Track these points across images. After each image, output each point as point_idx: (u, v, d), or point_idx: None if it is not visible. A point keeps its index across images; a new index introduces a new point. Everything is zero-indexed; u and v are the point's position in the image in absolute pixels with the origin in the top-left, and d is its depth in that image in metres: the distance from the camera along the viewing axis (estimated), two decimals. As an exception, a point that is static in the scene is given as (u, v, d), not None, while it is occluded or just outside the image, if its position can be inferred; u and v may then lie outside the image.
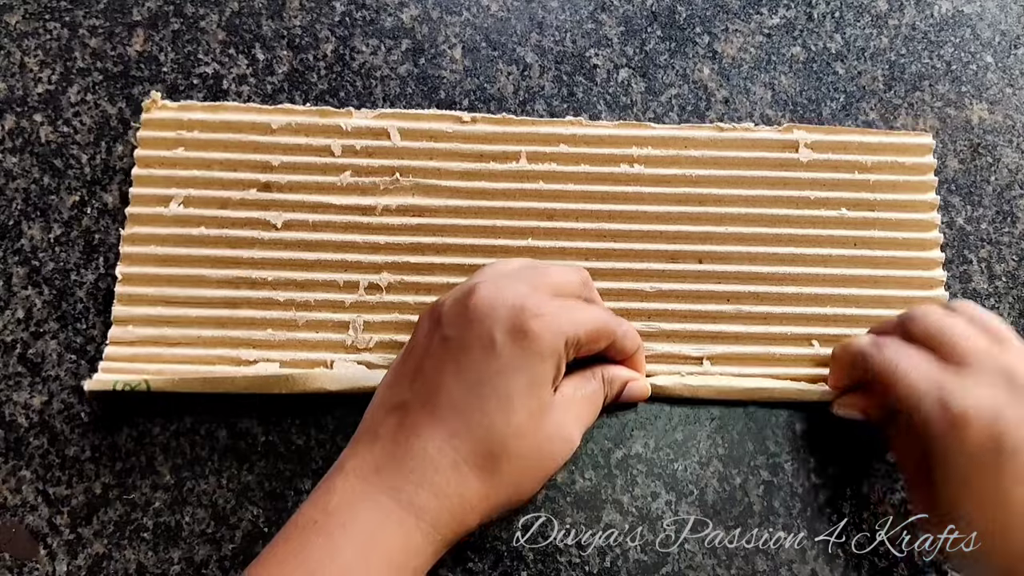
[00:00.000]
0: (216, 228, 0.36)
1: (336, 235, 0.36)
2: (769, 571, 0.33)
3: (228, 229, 0.36)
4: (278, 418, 0.34)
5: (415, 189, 0.37)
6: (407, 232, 0.36)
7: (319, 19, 0.40)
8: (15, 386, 0.34)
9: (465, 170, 0.37)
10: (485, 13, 0.41)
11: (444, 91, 0.39)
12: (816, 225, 0.37)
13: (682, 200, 0.37)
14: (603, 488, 0.34)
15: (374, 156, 0.37)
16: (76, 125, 0.38)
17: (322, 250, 0.36)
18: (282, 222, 0.36)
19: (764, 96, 0.40)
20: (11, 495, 0.33)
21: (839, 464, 0.35)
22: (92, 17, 0.39)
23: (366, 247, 0.36)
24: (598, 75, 0.40)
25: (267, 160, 0.36)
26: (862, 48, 0.41)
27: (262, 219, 0.36)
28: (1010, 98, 0.41)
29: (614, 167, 0.37)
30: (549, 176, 0.37)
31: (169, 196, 0.36)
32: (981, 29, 0.42)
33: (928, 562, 0.33)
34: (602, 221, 0.37)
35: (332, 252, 0.36)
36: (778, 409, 0.35)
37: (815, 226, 0.37)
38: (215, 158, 0.36)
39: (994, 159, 0.40)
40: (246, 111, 0.37)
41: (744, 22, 0.41)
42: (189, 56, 0.39)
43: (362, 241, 0.36)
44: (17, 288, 0.35)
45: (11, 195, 0.37)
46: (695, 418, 0.35)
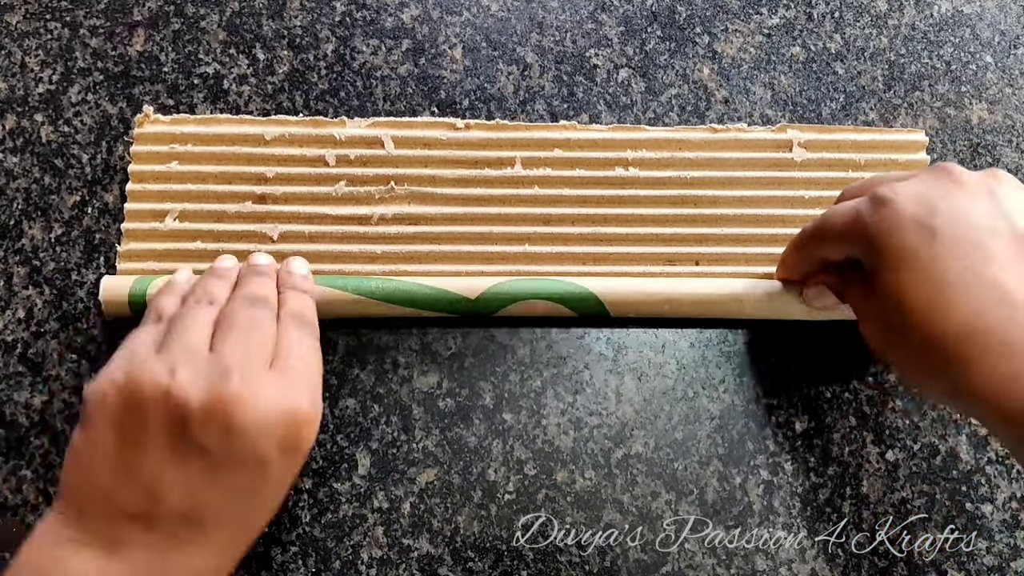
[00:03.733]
0: (213, 242, 0.36)
1: (333, 246, 0.36)
2: (769, 571, 0.33)
3: (224, 243, 0.36)
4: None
5: (410, 197, 0.37)
6: (404, 241, 0.36)
7: (319, 19, 0.40)
8: (15, 386, 0.34)
9: (460, 177, 0.37)
10: (485, 13, 0.41)
11: (444, 91, 0.39)
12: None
13: (677, 202, 0.37)
14: (603, 488, 0.34)
15: (369, 165, 0.37)
16: (77, 125, 0.38)
17: (319, 261, 0.35)
18: (278, 234, 0.36)
19: (764, 96, 0.40)
20: (11, 495, 0.33)
21: (839, 464, 0.35)
22: (93, 17, 0.39)
23: (363, 257, 0.36)
24: (598, 75, 0.40)
25: (261, 172, 0.36)
26: (862, 48, 0.41)
27: (258, 231, 0.36)
28: (1010, 98, 0.41)
29: (609, 171, 0.37)
30: (544, 181, 0.37)
31: (164, 211, 0.36)
32: (981, 29, 0.42)
33: (928, 562, 0.33)
34: (598, 225, 0.37)
35: (329, 263, 0.36)
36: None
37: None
38: (209, 171, 0.36)
39: (994, 159, 0.40)
40: (239, 123, 0.37)
41: (744, 22, 0.41)
42: (190, 56, 0.39)
43: (359, 251, 0.36)
44: (18, 288, 0.35)
45: (12, 195, 0.37)
46: (695, 418, 0.35)
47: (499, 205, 0.37)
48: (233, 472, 0.27)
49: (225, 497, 0.27)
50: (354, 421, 0.34)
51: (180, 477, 0.26)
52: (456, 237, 0.36)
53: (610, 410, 0.35)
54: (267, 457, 0.27)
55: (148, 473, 0.26)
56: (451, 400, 0.35)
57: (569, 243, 0.36)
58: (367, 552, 0.33)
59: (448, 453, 0.34)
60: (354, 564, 0.33)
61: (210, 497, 0.26)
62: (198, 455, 0.26)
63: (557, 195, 0.37)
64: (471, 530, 0.33)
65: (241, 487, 0.27)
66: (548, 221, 0.37)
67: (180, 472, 0.26)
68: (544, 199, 0.37)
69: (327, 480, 0.34)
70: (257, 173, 0.36)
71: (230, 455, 0.26)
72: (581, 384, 0.35)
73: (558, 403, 0.35)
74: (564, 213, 0.37)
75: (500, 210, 0.37)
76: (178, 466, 0.26)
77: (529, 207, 0.37)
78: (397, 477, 0.34)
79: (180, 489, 0.26)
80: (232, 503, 0.27)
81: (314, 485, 0.34)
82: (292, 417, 0.27)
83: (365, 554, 0.33)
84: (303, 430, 0.28)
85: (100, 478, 0.26)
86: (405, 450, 0.34)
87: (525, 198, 0.37)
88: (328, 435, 0.34)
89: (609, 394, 0.35)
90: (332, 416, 0.34)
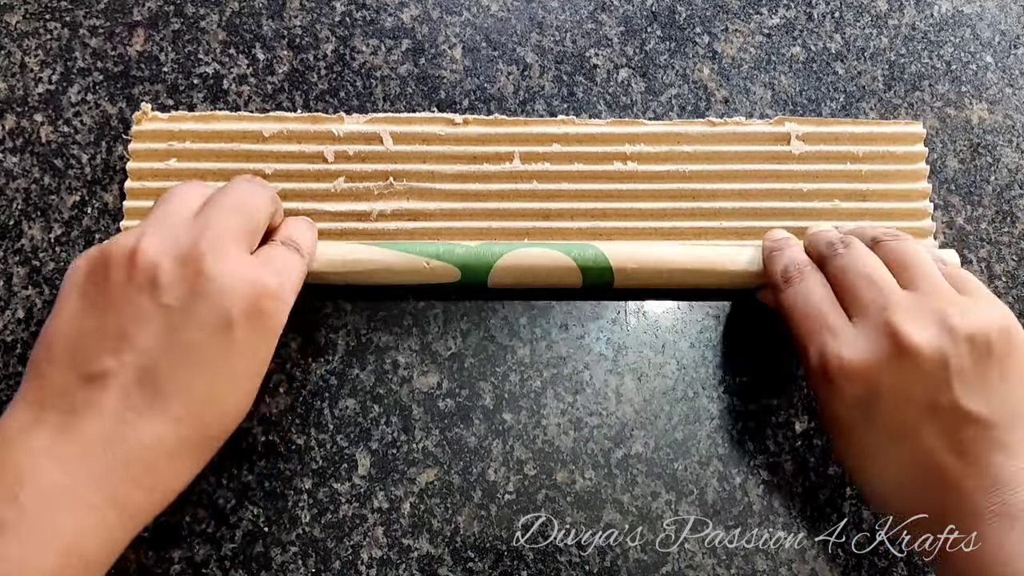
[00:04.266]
0: None
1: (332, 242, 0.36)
2: (769, 571, 0.33)
3: None
4: (278, 418, 0.34)
5: (409, 193, 0.37)
6: (403, 237, 0.36)
7: (319, 19, 0.40)
8: (15, 386, 0.34)
9: (459, 172, 0.37)
10: (485, 13, 0.41)
11: (444, 91, 0.39)
12: (810, 217, 0.37)
13: (676, 196, 0.37)
14: (603, 488, 0.34)
15: (367, 161, 0.37)
16: (76, 125, 0.38)
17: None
18: None
19: (764, 96, 0.40)
20: (11, 495, 0.33)
21: (839, 464, 0.35)
22: (92, 17, 0.39)
23: None
24: (598, 75, 0.40)
25: (260, 169, 0.36)
26: (862, 48, 0.41)
27: None
28: (1010, 98, 0.41)
29: (607, 165, 0.37)
30: (543, 176, 0.37)
31: None
32: (981, 29, 0.42)
33: (928, 562, 0.33)
34: (597, 220, 0.37)
35: None
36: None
37: (809, 218, 0.37)
38: (208, 168, 0.36)
39: (994, 159, 0.40)
40: (238, 120, 0.37)
41: (744, 22, 0.41)
42: (189, 56, 0.39)
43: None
44: (17, 288, 0.35)
45: (11, 195, 0.37)
46: (695, 418, 0.35)
47: (498, 200, 0.37)
48: (194, 331, 0.26)
49: (185, 361, 0.26)
50: (354, 421, 0.34)
51: (140, 333, 0.25)
52: (455, 232, 0.36)
53: (610, 410, 0.35)
54: (229, 318, 0.26)
55: (108, 329, 0.25)
56: (451, 400, 0.35)
57: (568, 237, 0.36)
58: (367, 552, 0.33)
59: (448, 453, 0.34)
60: (354, 564, 0.33)
61: (169, 358, 0.26)
62: (160, 313, 0.26)
63: (556, 190, 0.37)
64: (471, 530, 0.33)
65: (202, 349, 0.26)
66: (547, 216, 0.37)
67: (140, 328, 0.26)
68: (543, 194, 0.37)
69: (327, 480, 0.34)
70: (256, 170, 0.36)
71: (191, 312, 0.26)
72: (581, 384, 0.35)
73: (558, 403, 0.35)
74: (563, 208, 0.37)
75: (499, 205, 0.36)
76: (138, 322, 0.26)
77: (528, 202, 0.37)
78: (397, 477, 0.34)
79: (139, 345, 0.25)
80: (192, 370, 0.26)
81: (314, 485, 0.34)
82: (257, 286, 0.27)
83: (365, 554, 0.33)
84: (266, 300, 0.27)
85: (60, 342, 0.26)
86: (405, 450, 0.34)
87: (524, 193, 0.37)
88: (328, 435, 0.34)
89: (609, 394, 0.35)
90: (332, 416, 0.34)
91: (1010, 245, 0.38)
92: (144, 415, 0.25)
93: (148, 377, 0.25)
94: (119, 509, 0.25)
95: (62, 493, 0.24)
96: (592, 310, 0.36)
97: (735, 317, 0.37)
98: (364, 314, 0.36)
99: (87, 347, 0.26)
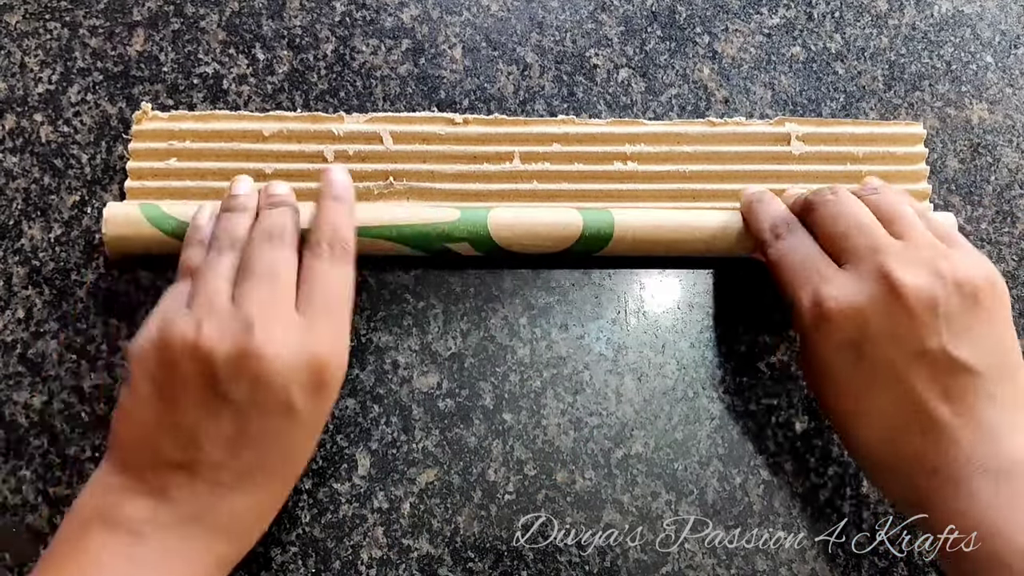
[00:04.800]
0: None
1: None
2: (769, 571, 0.33)
3: None
4: (278, 418, 0.34)
5: (409, 193, 0.37)
6: None
7: (319, 19, 0.40)
8: (15, 386, 0.34)
9: (459, 172, 0.37)
10: (485, 13, 0.41)
11: (444, 91, 0.39)
12: None
13: (676, 196, 0.37)
14: (603, 488, 0.34)
15: (367, 161, 0.37)
16: (76, 125, 0.38)
17: None
18: None
19: (764, 96, 0.40)
20: (11, 495, 0.33)
21: (839, 464, 0.35)
22: (92, 17, 0.39)
23: None
24: (598, 75, 0.40)
25: (260, 168, 0.36)
26: (862, 48, 0.41)
27: None
28: (1010, 98, 0.41)
29: (608, 165, 0.37)
30: (543, 176, 0.37)
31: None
32: (981, 29, 0.42)
33: (928, 562, 0.33)
34: None
35: None
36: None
37: None
38: (208, 168, 0.36)
39: (994, 159, 0.40)
40: (238, 119, 0.37)
41: (744, 22, 0.41)
42: (189, 56, 0.39)
43: None
44: (17, 288, 0.35)
45: (11, 195, 0.37)
46: (695, 418, 0.35)
47: (498, 200, 0.37)
48: (263, 420, 0.27)
49: (259, 444, 0.27)
50: (354, 421, 0.34)
51: (215, 428, 0.27)
52: None
53: (610, 410, 0.35)
54: (294, 404, 0.27)
55: (185, 425, 0.27)
56: (451, 400, 0.35)
57: None
58: (367, 552, 0.33)
59: (448, 453, 0.34)
60: (354, 564, 0.33)
61: (245, 445, 0.27)
62: (229, 406, 0.27)
63: (556, 190, 0.37)
64: (471, 530, 0.33)
65: (273, 434, 0.28)
66: None
67: (214, 423, 0.27)
68: (543, 194, 0.37)
69: (327, 480, 0.34)
70: (256, 170, 0.36)
71: (258, 405, 0.27)
72: (581, 384, 0.35)
73: (558, 403, 0.35)
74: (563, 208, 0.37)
75: (499, 205, 0.36)
76: (212, 417, 0.27)
77: (528, 202, 0.37)
78: (397, 477, 0.34)
79: (216, 439, 0.27)
80: (267, 449, 0.28)
81: (314, 485, 0.34)
82: (314, 361, 0.28)
83: (365, 554, 0.33)
84: (326, 373, 0.28)
85: (143, 431, 0.28)
86: (405, 450, 0.34)
87: (524, 193, 0.37)
88: (328, 435, 0.34)
89: (609, 394, 0.35)
90: (332, 416, 0.34)
91: (1010, 245, 0.38)
92: (231, 493, 0.27)
93: (230, 463, 0.27)
94: (218, 563, 0.28)
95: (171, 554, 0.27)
96: (592, 310, 0.36)
97: (735, 316, 0.37)
98: (364, 314, 0.36)
99: (168, 439, 0.27)
